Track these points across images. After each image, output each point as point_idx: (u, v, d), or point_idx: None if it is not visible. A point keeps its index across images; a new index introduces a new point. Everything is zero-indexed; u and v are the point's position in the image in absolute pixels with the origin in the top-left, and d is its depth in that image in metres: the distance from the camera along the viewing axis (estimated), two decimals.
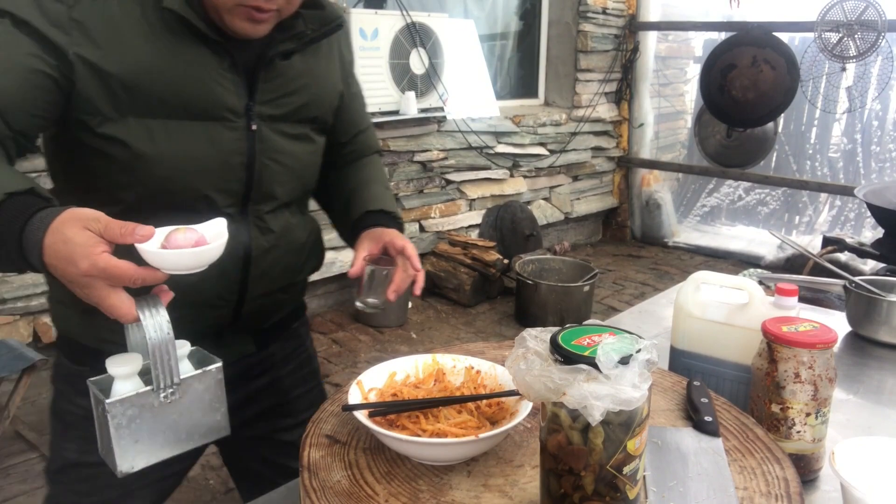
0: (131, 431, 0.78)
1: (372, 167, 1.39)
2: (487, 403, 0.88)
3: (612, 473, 0.65)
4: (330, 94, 1.21)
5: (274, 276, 1.18)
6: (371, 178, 1.35)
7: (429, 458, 0.80)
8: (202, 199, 1.05)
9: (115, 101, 0.97)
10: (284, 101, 1.10)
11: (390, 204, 1.29)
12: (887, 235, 2.86)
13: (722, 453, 0.82)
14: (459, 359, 0.96)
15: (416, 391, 0.90)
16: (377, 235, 1.17)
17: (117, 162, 1.01)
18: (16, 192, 0.81)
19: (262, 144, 1.09)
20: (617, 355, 0.63)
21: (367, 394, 0.89)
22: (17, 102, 0.92)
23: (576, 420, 0.64)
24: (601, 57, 5.44)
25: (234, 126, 1.05)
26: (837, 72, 4.48)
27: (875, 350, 1.35)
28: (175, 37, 0.99)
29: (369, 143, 1.41)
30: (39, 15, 0.92)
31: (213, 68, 1.02)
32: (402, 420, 0.84)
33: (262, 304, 1.19)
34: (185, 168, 1.03)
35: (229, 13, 0.97)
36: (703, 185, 6.38)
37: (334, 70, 1.22)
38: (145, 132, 1.00)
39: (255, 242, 1.12)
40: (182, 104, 1.01)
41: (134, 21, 0.97)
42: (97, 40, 0.95)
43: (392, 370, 0.94)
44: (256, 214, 1.12)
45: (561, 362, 0.64)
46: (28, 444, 2.59)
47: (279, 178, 1.13)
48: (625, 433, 0.64)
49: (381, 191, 1.32)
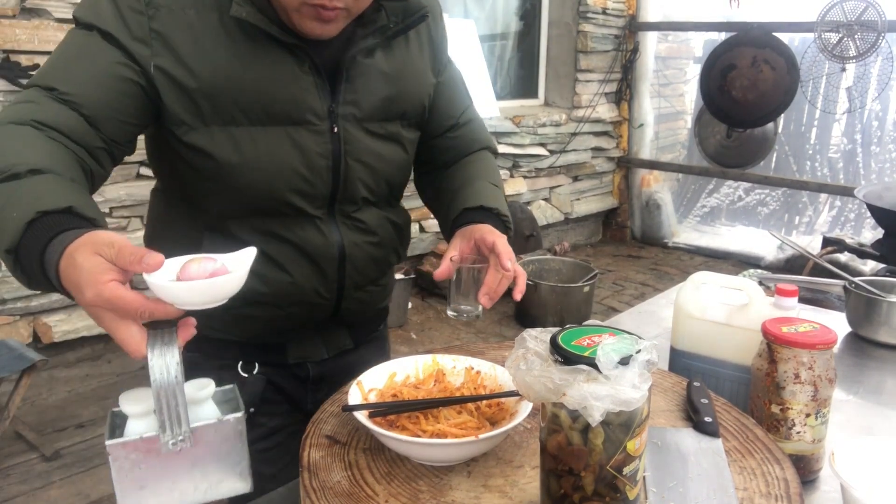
0: (135, 476, 0.73)
1: (478, 163, 1.26)
2: (487, 404, 0.88)
3: (612, 474, 0.65)
4: (419, 88, 1.15)
5: (367, 270, 1.17)
6: (475, 175, 1.22)
7: (429, 458, 0.80)
8: (287, 204, 1.05)
9: (198, 111, 0.97)
10: (369, 100, 1.07)
11: (493, 200, 1.16)
12: (887, 236, 2.86)
13: (722, 454, 0.82)
14: (459, 359, 0.96)
15: (417, 392, 0.90)
16: (469, 233, 1.08)
17: (203, 170, 1.01)
18: (50, 211, 0.77)
19: (347, 146, 1.06)
20: (617, 356, 0.63)
21: (367, 394, 0.89)
22: (108, 111, 0.93)
23: (576, 421, 0.64)
24: (601, 57, 5.44)
25: (317, 129, 1.03)
26: (837, 72, 4.48)
27: (875, 350, 1.35)
28: (253, 42, 0.98)
29: (475, 136, 1.29)
30: (123, 27, 0.93)
31: (293, 71, 1.00)
32: (402, 421, 0.84)
33: (359, 298, 1.18)
34: (270, 174, 1.02)
35: (297, 13, 0.94)
36: (702, 185, 6.38)
37: (423, 61, 1.16)
38: (230, 141, 0.99)
39: (347, 240, 1.12)
40: (264, 110, 1.00)
41: (212, 28, 0.96)
42: (177, 50, 0.95)
43: (392, 371, 0.94)
44: (344, 214, 1.11)
45: (561, 363, 0.64)
46: (28, 444, 2.59)
47: (366, 178, 1.11)
48: (625, 434, 0.64)
49: (483, 187, 1.19)
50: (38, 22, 2.85)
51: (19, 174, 0.81)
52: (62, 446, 2.60)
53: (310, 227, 1.08)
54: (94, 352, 3.29)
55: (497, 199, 1.17)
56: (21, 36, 2.80)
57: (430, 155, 1.26)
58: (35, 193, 0.79)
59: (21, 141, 0.86)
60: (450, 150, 1.26)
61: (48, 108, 0.91)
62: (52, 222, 0.77)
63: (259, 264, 1.03)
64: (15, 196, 0.80)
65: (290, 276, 1.09)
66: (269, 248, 1.06)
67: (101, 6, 0.94)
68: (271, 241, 1.07)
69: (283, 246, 1.08)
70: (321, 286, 1.12)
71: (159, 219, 1.16)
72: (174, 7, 0.95)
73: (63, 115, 0.91)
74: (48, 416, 2.82)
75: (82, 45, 0.94)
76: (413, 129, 1.17)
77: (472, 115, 1.30)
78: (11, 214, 0.77)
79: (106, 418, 0.77)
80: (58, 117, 0.90)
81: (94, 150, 0.94)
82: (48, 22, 2.88)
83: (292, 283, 1.09)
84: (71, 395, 2.99)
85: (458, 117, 1.25)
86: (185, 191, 1.07)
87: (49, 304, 3.07)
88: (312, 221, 1.08)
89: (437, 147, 1.25)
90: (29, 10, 2.84)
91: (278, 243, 1.07)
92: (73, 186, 0.85)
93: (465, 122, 1.27)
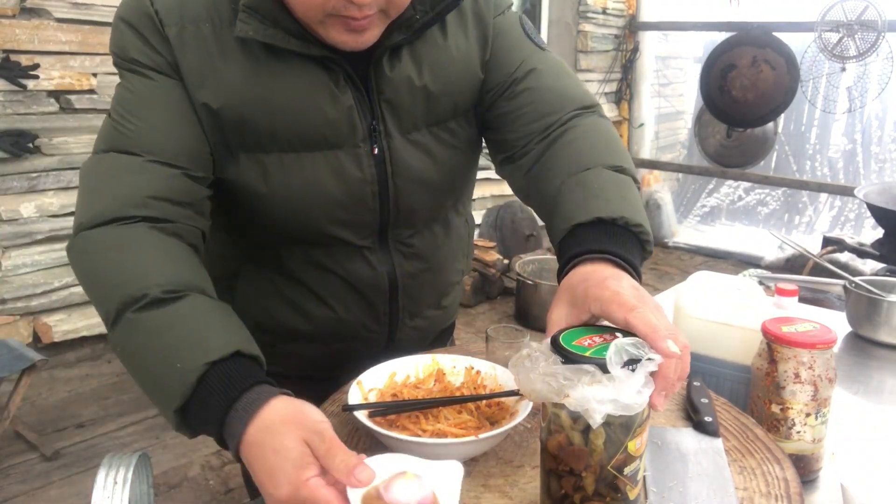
0: None
1: (581, 141, 0.88)
2: (487, 404, 0.88)
3: (612, 474, 0.65)
4: (467, 75, 0.95)
5: (423, 297, 1.05)
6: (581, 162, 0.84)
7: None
8: (328, 236, 0.94)
9: (223, 138, 0.88)
10: (408, 107, 0.92)
11: (614, 202, 0.77)
12: (887, 235, 2.86)
13: (722, 453, 0.82)
14: (459, 359, 0.96)
15: (417, 391, 0.90)
16: (581, 295, 0.69)
17: (235, 201, 0.92)
18: (219, 361, 0.68)
19: (394, 167, 0.93)
20: (626, 358, 0.61)
21: (367, 394, 0.89)
22: (193, 150, 0.85)
23: (576, 421, 0.64)
24: (601, 57, 5.44)
25: (358, 152, 0.91)
26: (837, 72, 4.48)
27: (875, 350, 1.35)
28: (278, 58, 0.86)
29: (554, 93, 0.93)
30: (155, 55, 0.85)
31: (328, 87, 0.87)
32: (402, 420, 0.84)
33: (415, 326, 1.07)
34: (305, 205, 0.91)
35: (322, 26, 0.81)
36: (703, 185, 6.38)
37: (469, 43, 0.95)
38: (258, 169, 0.89)
39: (400, 270, 1.00)
40: (296, 135, 0.88)
41: (229, 46, 0.85)
42: (193, 74, 0.85)
43: (392, 370, 0.94)
44: (398, 240, 0.99)
45: (563, 363, 0.63)
46: (28, 444, 2.59)
47: (421, 198, 0.97)
48: (626, 434, 0.64)
49: (601, 182, 0.81)
50: (38, 22, 2.85)
51: (159, 300, 0.72)
52: (62, 446, 2.60)
53: (356, 257, 0.97)
54: (94, 352, 3.29)
55: (623, 200, 0.78)
56: (21, 36, 2.80)
57: (498, 137, 0.97)
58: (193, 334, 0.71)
59: (140, 250, 0.77)
60: (520, 117, 0.93)
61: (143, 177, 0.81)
62: (225, 375, 0.68)
63: (299, 297, 0.98)
64: (165, 335, 0.71)
65: (332, 310, 0.99)
66: (309, 279, 0.97)
67: (125, 39, 0.86)
68: (313, 271, 0.97)
69: (327, 277, 0.97)
70: (370, 319, 1.01)
71: None
72: (187, 23, 0.85)
73: (163, 181, 0.82)
74: (48, 416, 2.81)
75: (135, 89, 0.86)
76: (467, 122, 0.98)
77: (541, 64, 0.95)
78: (175, 365, 0.68)
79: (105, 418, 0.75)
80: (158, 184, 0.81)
81: (199, 204, 0.86)
82: (48, 22, 2.88)
83: (336, 319, 0.99)
84: (71, 395, 2.98)
85: (515, 66, 0.94)
86: (218, 221, 0.96)
87: (49, 303, 3.07)
88: (359, 252, 0.97)
89: (499, 122, 0.95)
90: (29, 10, 2.84)
91: (321, 274, 0.97)
92: (224, 310, 0.77)
93: (527, 72, 0.94)
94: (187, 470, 2.52)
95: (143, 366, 0.73)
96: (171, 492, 2.40)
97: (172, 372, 0.69)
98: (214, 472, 2.52)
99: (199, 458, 2.59)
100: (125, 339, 0.74)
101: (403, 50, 0.91)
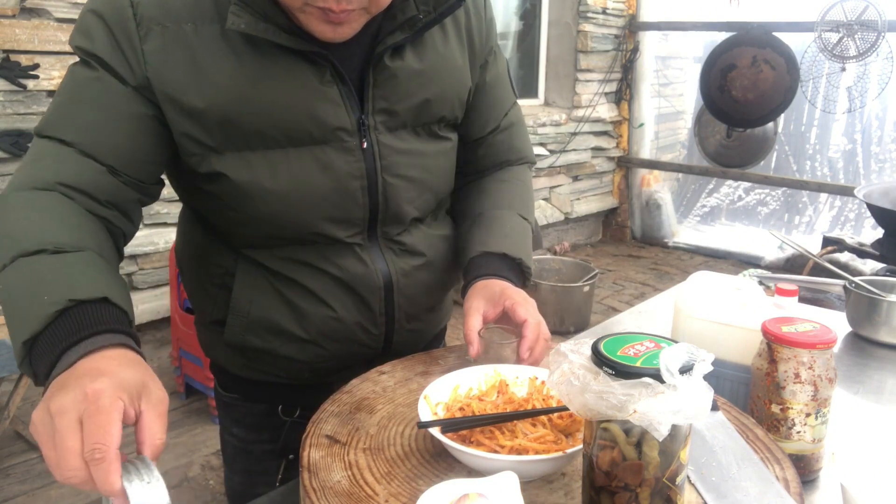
0: None
1: (512, 185, 1.12)
2: (559, 415, 0.84)
3: (667, 485, 0.62)
4: (458, 86, 1.01)
5: (419, 298, 1.06)
6: (504, 201, 1.09)
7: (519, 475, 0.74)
8: (318, 234, 0.95)
9: (210, 137, 0.87)
10: (402, 106, 0.94)
11: (518, 246, 1.04)
12: (887, 235, 2.86)
13: (727, 424, 0.83)
14: (520, 369, 0.92)
15: (482, 404, 0.86)
16: (497, 296, 0.95)
17: (223, 200, 0.92)
18: (86, 301, 0.70)
19: (383, 162, 0.94)
20: (679, 364, 0.59)
21: (434, 408, 0.85)
22: (130, 155, 0.85)
23: (629, 434, 0.61)
24: (601, 57, 5.44)
25: (347, 147, 0.92)
26: (837, 72, 4.48)
27: (875, 350, 1.35)
28: (262, 54, 0.86)
29: (514, 144, 1.14)
30: (120, 56, 0.84)
31: (313, 83, 0.88)
32: (476, 436, 0.80)
33: (412, 329, 1.08)
34: (295, 202, 0.91)
35: (302, 13, 0.82)
36: (703, 185, 6.38)
37: (462, 53, 1.01)
38: (245, 167, 0.89)
39: (394, 267, 1.01)
40: (283, 131, 0.88)
41: (212, 44, 0.85)
42: (176, 73, 0.84)
43: (455, 383, 0.89)
44: (388, 237, 1.00)
45: (613, 375, 0.59)
46: (28, 444, 2.59)
47: (409, 195, 0.99)
48: (679, 443, 0.61)
49: (511, 222, 1.06)
50: (38, 22, 2.86)
51: (47, 251, 0.75)
52: None
53: (348, 254, 0.98)
54: None
55: (523, 244, 1.05)
56: (21, 36, 2.80)
57: (461, 160, 1.10)
58: (68, 277, 0.72)
59: (47, 212, 0.79)
60: (485, 157, 1.12)
61: (69, 166, 0.83)
62: (85, 314, 0.69)
63: (295, 297, 0.98)
64: (44, 276, 0.72)
65: (330, 309, 0.99)
66: (303, 278, 0.97)
67: (94, 32, 0.85)
68: (306, 270, 0.97)
69: (320, 275, 0.98)
70: (367, 321, 1.01)
71: (191, 241, 1.07)
72: (168, 23, 0.84)
73: (87, 173, 0.83)
74: None
75: (87, 84, 0.85)
76: (453, 130, 1.05)
77: (516, 118, 1.14)
78: (42, 298, 0.70)
79: None
80: (82, 176, 0.83)
81: (123, 205, 0.87)
82: (48, 22, 2.88)
83: (335, 319, 0.99)
84: None
85: (500, 120, 1.11)
86: (210, 220, 0.99)
87: None
88: (350, 248, 0.98)
89: (470, 152, 1.11)
90: (29, 10, 2.84)
91: (315, 272, 0.97)
92: (111, 269, 0.78)
93: (506, 127, 1.12)
94: (187, 470, 2.52)
95: (14, 295, 0.73)
96: (171, 492, 2.39)
97: (38, 302, 0.69)
98: (215, 472, 2.52)
99: (200, 458, 2.59)
100: (7, 278, 0.74)
101: (406, 49, 0.94)
